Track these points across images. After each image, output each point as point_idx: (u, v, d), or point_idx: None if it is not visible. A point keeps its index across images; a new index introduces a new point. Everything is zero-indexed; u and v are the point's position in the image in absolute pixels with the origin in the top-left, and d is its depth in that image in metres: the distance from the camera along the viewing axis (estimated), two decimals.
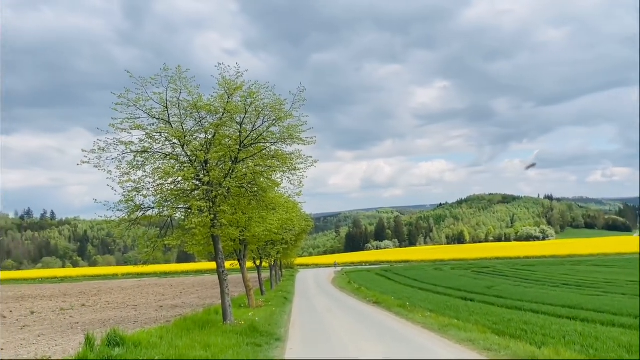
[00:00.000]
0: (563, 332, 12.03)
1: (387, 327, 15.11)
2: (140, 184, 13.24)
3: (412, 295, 27.70)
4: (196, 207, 12.85)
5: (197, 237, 13.56)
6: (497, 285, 37.88)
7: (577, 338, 11.06)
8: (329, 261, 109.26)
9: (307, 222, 36.51)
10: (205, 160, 13.33)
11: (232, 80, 13.10)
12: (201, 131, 13.56)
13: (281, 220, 20.29)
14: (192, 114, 13.36)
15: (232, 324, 13.61)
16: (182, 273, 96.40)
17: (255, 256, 29.27)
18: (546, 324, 13.82)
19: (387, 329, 14.65)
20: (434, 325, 14.37)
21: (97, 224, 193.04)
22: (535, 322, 14.20)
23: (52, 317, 23.81)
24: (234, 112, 13.18)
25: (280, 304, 23.39)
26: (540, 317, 16.07)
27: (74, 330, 16.39)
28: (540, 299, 24.76)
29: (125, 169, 13.17)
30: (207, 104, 13.25)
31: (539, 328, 12.92)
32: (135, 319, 20.59)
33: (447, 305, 21.43)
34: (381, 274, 61.85)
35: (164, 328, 12.25)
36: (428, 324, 14.83)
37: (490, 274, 56.96)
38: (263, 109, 13.32)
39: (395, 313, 19.11)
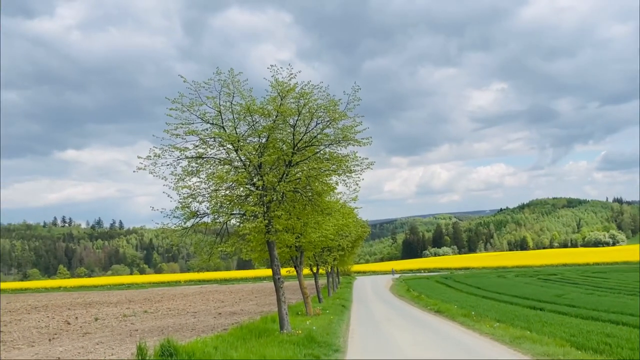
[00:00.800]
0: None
1: (452, 338, 14.19)
2: (195, 190, 13.12)
3: (475, 304, 26.37)
4: (250, 213, 12.55)
5: (252, 243, 13.28)
6: (567, 294, 35.65)
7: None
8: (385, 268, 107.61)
9: (363, 228, 35.84)
10: (258, 165, 13.03)
11: (285, 82, 12.75)
12: (254, 135, 13.29)
13: (337, 225, 19.80)
14: (245, 117, 13.11)
15: (289, 333, 13.18)
16: (242, 280, 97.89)
17: (311, 263, 28.88)
18: (632, 336, 12.47)
19: (453, 340, 13.74)
20: (505, 337, 13.33)
21: (161, 233, 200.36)
22: (619, 335, 12.87)
23: (114, 323, 24.34)
24: (287, 115, 12.81)
25: (338, 312, 22.82)
26: (622, 329, 14.61)
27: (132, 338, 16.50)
28: (618, 309, 22.85)
29: (181, 175, 13.09)
30: (260, 107, 12.96)
31: (625, 341, 11.63)
32: (194, 326, 20.62)
33: (516, 314, 20.12)
34: (441, 281, 60.02)
35: (219, 337, 11.97)
36: (498, 335, 13.79)
37: (559, 282, 53.95)
38: (316, 110, 12.88)
39: (460, 323, 18.09)
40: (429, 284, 55.39)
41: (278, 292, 13.60)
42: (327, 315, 20.62)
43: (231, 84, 12.66)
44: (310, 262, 28.26)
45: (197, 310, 30.64)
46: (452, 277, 68.97)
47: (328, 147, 13.42)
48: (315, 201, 13.80)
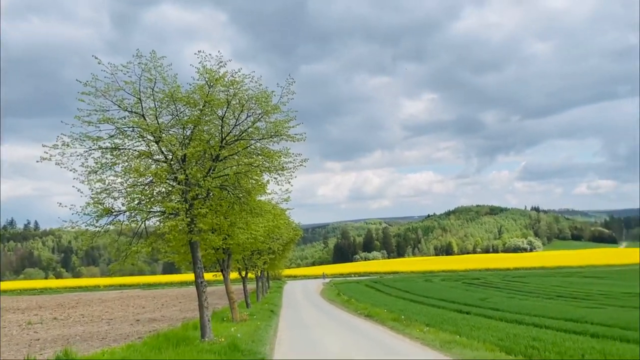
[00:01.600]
0: (580, 349, 10.79)
1: (383, 343, 13.77)
2: (110, 185, 11.84)
3: (405, 308, 26.39)
4: (171, 210, 11.47)
5: (173, 243, 12.18)
6: (490, 297, 36.76)
7: (598, 356, 9.83)
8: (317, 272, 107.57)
9: (295, 231, 35.13)
10: (182, 158, 11.98)
11: (214, 70, 11.80)
12: (178, 125, 12.21)
13: (267, 227, 18.92)
14: (168, 106, 12.02)
15: (211, 341, 12.19)
16: (167, 284, 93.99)
17: (240, 266, 27.76)
18: (557, 339, 12.57)
19: (384, 346, 13.31)
20: (435, 341, 13.07)
21: (81, 235, 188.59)
22: (544, 338, 12.95)
23: (15, 332, 22.00)
24: (215, 105, 11.87)
25: (266, 318, 21.94)
26: (547, 332, 14.84)
27: (31, 349, 14.76)
28: (540, 312, 23.58)
29: (93, 167, 11.76)
30: (185, 95, 11.92)
31: (551, 345, 11.66)
32: (105, 335, 18.96)
33: (444, 318, 20.15)
34: (371, 285, 60.45)
35: (131, 347, 10.81)
36: (428, 339, 13.53)
37: (482, 286, 55.85)
38: (247, 101, 12.02)
39: (390, 327, 17.79)
40: (359, 288, 55.57)
41: (200, 297, 12.56)
42: (255, 321, 19.71)
43: (153, 69, 11.53)
44: (238, 265, 27.17)
45: (114, 317, 28.56)
46: (381, 281, 69.80)
47: (259, 142, 12.59)
48: (244, 200, 12.92)
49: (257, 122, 12.37)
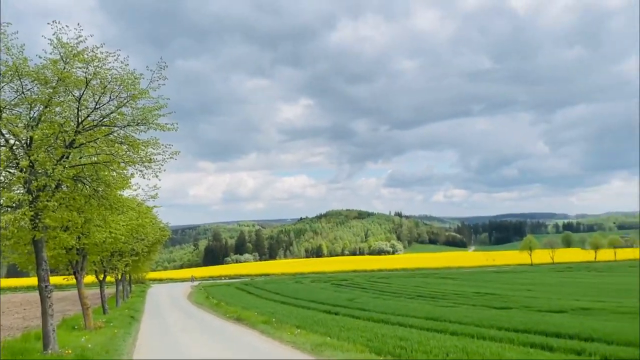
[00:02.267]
0: (444, 348, 11.20)
1: (252, 347, 13.18)
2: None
3: (275, 310, 26.05)
4: (9, 201, 9.76)
5: (11, 241, 10.38)
6: (357, 298, 37.99)
7: (461, 355, 10.25)
8: (185, 275, 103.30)
9: (162, 231, 33.09)
10: (27, 141, 10.27)
11: (71, 45, 10.29)
12: (24, 104, 10.46)
13: (130, 226, 17.33)
14: (12, 80, 10.22)
15: (56, 353, 10.59)
16: (10, 289, 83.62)
17: (97, 269, 25.25)
18: (422, 339, 13.01)
19: (254, 350, 12.72)
20: (306, 344, 12.79)
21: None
22: (410, 337, 13.34)
23: None
24: (71, 84, 10.36)
25: (125, 325, 20.10)
26: (412, 331, 15.39)
27: None
28: (403, 311, 24.71)
29: None
30: (34, 70, 10.24)
31: (417, 344, 12.00)
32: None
33: (314, 320, 20.12)
34: (241, 287, 59.46)
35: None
36: (299, 343, 13.21)
37: (350, 287, 57.76)
38: (111, 82, 10.67)
39: (260, 331, 17.23)
40: (229, 290, 54.30)
41: (44, 303, 10.86)
42: (111, 328, 17.89)
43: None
44: (95, 268, 24.72)
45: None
46: (252, 283, 69.09)
47: (123, 130, 11.26)
48: (103, 194, 11.48)
49: (122, 107, 11.07)
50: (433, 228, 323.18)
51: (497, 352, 10.36)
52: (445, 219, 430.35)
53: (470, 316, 20.84)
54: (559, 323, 17.49)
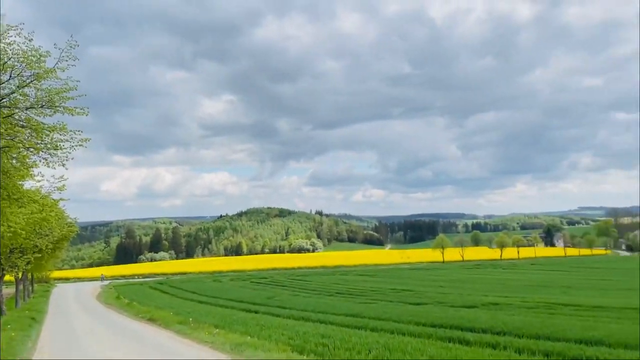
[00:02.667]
0: (367, 344, 11.18)
1: (168, 350, 12.45)
2: None
3: (192, 310, 25.14)
4: None
5: None
6: (277, 296, 37.77)
7: (383, 352, 10.25)
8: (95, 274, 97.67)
9: (70, 227, 30.84)
10: None
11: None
12: None
13: (33, 220, 15.83)
14: None
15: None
16: None
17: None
18: (344, 336, 12.95)
19: (169, 352, 12.02)
20: (225, 344, 12.30)
21: None
22: (331, 335, 13.24)
23: None
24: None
25: (24, 327, 18.39)
26: (334, 329, 15.32)
27: None
28: (323, 309, 24.78)
29: None
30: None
31: (340, 341, 11.90)
32: None
33: (233, 319, 19.57)
34: (156, 287, 57.12)
35: None
36: (217, 343, 12.67)
37: (269, 285, 57.41)
38: (11, 57, 9.56)
39: (175, 331, 16.43)
40: (142, 290, 51.96)
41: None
42: (8, 331, 16.25)
43: None
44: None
45: None
46: (168, 282, 66.68)
47: (26, 112, 10.14)
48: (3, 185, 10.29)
49: (25, 87, 9.96)
50: (352, 227, 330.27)
51: (418, 347, 10.50)
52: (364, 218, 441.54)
53: (389, 312, 21.24)
54: (472, 318, 18.23)
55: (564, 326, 13.98)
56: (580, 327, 13.71)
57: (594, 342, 11.08)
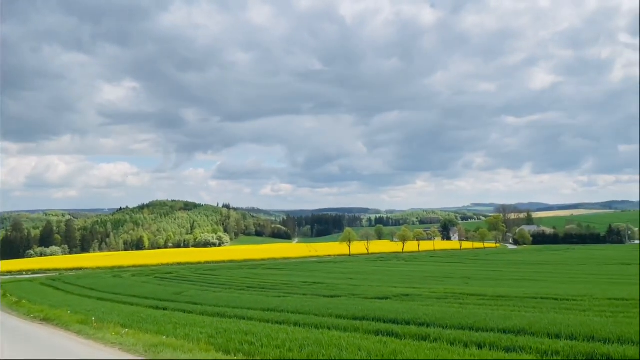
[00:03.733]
0: (296, 341, 10.51)
1: (69, 353, 10.95)
2: None
3: (93, 308, 23.02)
4: None
5: None
6: (185, 291, 36.15)
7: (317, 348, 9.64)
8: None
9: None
10: None
11: None
12: None
13: None
14: None
15: None
16: None
17: None
18: (269, 332, 12.20)
19: (70, 355, 10.53)
20: (137, 345, 11.06)
21: None
22: (255, 331, 12.42)
23: None
24: None
25: None
26: (255, 325, 14.54)
27: None
28: (237, 304, 23.83)
29: None
30: None
31: (266, 338, 11.13)
32: None
33: (142, 317, 18.06)
34: (48, 283, 52.48)
35: None
36: (128, 344, 11.38)
37: (175, 280, 55.07)
38: None
39: (76, 332, 14.74)
40: (32, 287, 47.46)
41: None
42: None
43: None
44: None
45: None
46: (61, 278, 61.57)
47: None
48: None
49: None
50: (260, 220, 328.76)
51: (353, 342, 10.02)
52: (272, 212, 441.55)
53: (307, 306, 20.81)
54: (390, 309, 18.30)
55: (483, 316, 14.31)
56: (498, 316, 14.09)
57: (517, 332, 11.32)
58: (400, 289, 32.94)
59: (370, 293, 30.46)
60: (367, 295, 28.79)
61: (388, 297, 27.57)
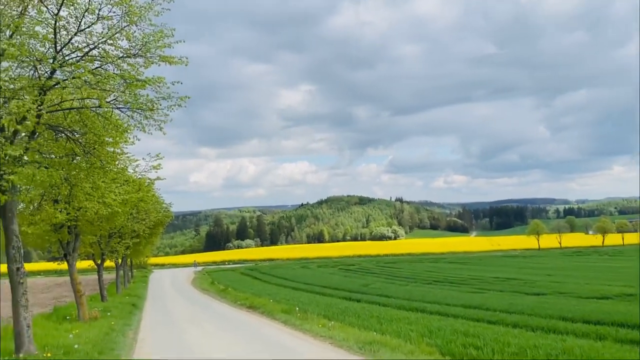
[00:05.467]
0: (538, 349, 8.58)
1: (283, 346, 10.57)
2: None
3: (290, 297, 23.58)
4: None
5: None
6: (371, 283, 35.77)
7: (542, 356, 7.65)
8: (187, 261, 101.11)
9: (165, 212, 30.50)
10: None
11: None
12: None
13: (131, 199, 14.75)
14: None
15: (31, 355, 8.03)
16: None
17: (94, 252, 22.73)
18: (494, 334, 10.43)
19: (286, 350, 10.11)
20: (348, 341, 10.22)
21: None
22: (474, 333, 10.77)
23: None
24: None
25: (125, 314, 17.60)
26: (468, 324, 12.83)
27: None
28: (430, 298, 22.28)
29: None
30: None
31: (494, 342, 9.42)
32: None
33: (340, 309, 17.62)
34: (247, 273, 57.16)
35: None
36: (339, 339, 10.63)
37: (359, 272, 55.62)
38: None
39: (282, 322, 14.70)
40: (234, 276, 52.03)
41: (15, 293, 8.25)
42: (108, 319, 15.36)
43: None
44: (92, 251, 22.19)
45: None
46: (257, 268, 66.85)
47: (115, 64, 8.50)
48: (89, 148, 8.80)
49: (117, 34, 8.32)
50: (434, 213, 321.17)
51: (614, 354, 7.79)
52: (446, 205, 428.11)
53: (516, 304, 18.34)
54: (628, 311, 15.01)
55: None
56: None
57: None
58: (619, 288, 28.00)
59: (583, 291, 26.40)
60: (580, 294, 24.94)
61: (607, 296, 23.48)
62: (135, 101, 8.73)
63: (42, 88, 7.81)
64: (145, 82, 8.37)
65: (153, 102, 8.76)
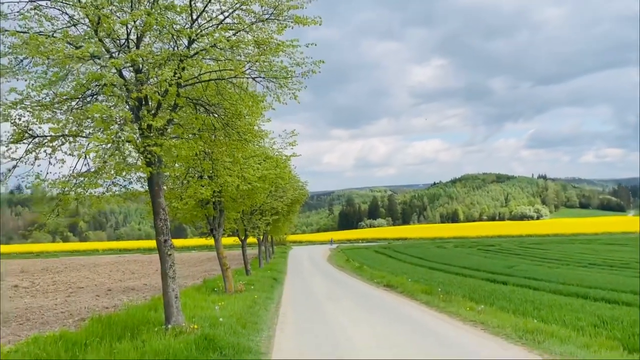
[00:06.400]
0: None
1: (433, 332, 9.61)
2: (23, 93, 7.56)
3: (428, 277, 22.54)
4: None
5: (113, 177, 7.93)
6: (516, 265, 33.10)
7: None
8: (323, 238, 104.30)
9: (301, 190, 31.11)
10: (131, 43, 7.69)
11: None
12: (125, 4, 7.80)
13: (269, 175, 14.88)
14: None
15: (179, 327, 8.19)
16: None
17: (238, 228, 23.86)
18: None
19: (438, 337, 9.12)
20: (506, 328, 9.04)
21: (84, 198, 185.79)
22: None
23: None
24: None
25: (267, 288, 18.07)
26: None
27: None
28: (591, 283, 19.66)
29: None
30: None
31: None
32: (45, 311, 15.05)
33: (486, 291, 16.23)
34: (380, 251, 56.97)
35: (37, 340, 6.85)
36: (493, 325, 9.50)
37: (500, 252, 52.33)
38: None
39: (425, 303, 13.82)
40: (368, 253, 52.06)
41: (164, 264, 8.48)
42: (252, 292, 15.80)
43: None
44: (236, 227, 23.25)
45: (87, 284, 24.68)
46: (390, 247, 66.44)
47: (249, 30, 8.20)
48: (227, 121, 8.67)
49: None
50: (584, 191, 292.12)
51: None
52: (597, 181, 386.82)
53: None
54: None
55: None
56: None
57: None
58: None
59: None
60: None
61: None
62: (270, 70, 8.37)
63: (181, 58, 7.75)
64: (280, 46, 7.93)
65: (287, 69, 8.31)
